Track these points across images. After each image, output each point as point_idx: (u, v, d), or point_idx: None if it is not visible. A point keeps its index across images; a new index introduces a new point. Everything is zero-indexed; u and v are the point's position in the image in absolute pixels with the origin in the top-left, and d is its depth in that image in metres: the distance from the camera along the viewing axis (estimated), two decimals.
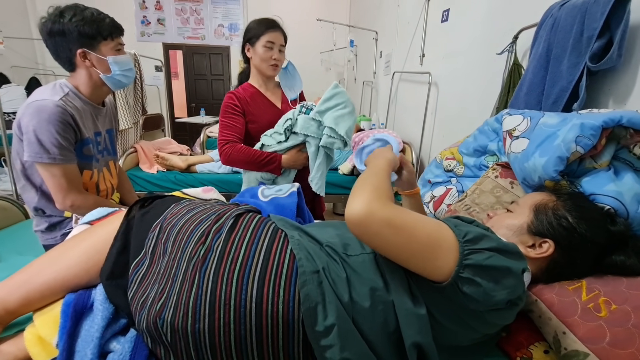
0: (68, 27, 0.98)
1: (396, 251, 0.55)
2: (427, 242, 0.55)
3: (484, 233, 0.58)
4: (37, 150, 0.96)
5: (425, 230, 0.56)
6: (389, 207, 0.55)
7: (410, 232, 0.54)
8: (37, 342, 0.61)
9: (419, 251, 0.55)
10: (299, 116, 1.26)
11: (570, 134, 0.77)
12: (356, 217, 0.54)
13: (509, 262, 0.56)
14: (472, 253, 0.54)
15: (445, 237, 0.56)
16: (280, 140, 1.28)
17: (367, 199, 0.55)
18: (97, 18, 1.02)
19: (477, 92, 1.85)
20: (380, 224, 0.53)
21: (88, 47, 1.03)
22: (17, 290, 0.65)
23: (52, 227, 1.12)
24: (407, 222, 0.55)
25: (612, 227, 0.67)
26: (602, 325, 0.58)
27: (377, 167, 0.70)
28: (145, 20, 4.99)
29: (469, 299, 0.54)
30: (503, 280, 0.55)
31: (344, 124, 1.20)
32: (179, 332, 0.55)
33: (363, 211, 0.54)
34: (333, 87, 1.26)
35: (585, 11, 0.99)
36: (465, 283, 0.53)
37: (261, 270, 0.57)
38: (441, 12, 2.24)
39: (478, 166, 1.19)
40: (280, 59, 1.34)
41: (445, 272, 0.54)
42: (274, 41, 1.31)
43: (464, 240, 0.56)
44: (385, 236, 0.54)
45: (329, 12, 4.83)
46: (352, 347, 0.54)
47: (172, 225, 0.65)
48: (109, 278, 0.64)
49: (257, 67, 1.36)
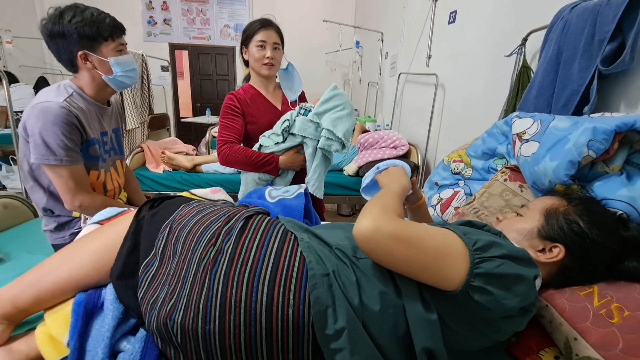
0: (68, 28, 0.97)
1: (406, 266, 0.55)
2: (436, 254, 0.55)
3: (494, 240, 0.58)
4: (44, 152, 0.97)
5: (434, 241, 0.56)
6: (395, 221, 0.56)
7: (418, 244, 0.55)
8: (49, 340, 0.61)
9: (428, 263, 0.55)
10: (297, 117, 1.26)
11: (582, 138, 0.76)
12: (364, 234, 0.55)
13: (520, 268, 0.55)
14: (483, 261, 0.54)
15: (453, 246, 0.56)
16: (278, 141, 1.28)
17: (374, 215, 0.56)
18: (97, 19, 1.00)
19: (484, 94, 1.84)
20: (388, 239, 0.54)
21: (89, 49, 1.02)
22: (28, 288, 0.65)
23: (61, 226, 1.13)
24: (415, 235, 0.55)
25: (625, 232, 0.66)
26: (615, 331, 0.57)
27: (387, 191, 0.70)
28: (152, 21, 5.03)
29: (481, 307, 0.54)
30: (514, 288, 0.54)
31: (342, 125, 1.20)
32: (189, 334, 0.55)
33: (370, 227, 0.54)
34: (332, 88, 1.25)
35: (597, 14, 0.99)
36: (477, 292, 0.53)
37: (271, 273, 0.57)
38: (448, 13, 2.24)
39: (486, 169, 1.18)
40: (275, 57, 1.32)
41: (455, 282, 0.54)
42: (266, 40, 1.29)
43: (473, 249, 0.55)
44: (394, 251, 0.54)
45: (335, 13, 4.83)
46: (362, 351, 0.54)
47: (182, 226, 0.65)
48: (119, 278, 0.64)
49: (253, 68, 1.35)
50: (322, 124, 1.21)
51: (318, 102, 1.24)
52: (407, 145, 2.55)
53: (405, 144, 2.52)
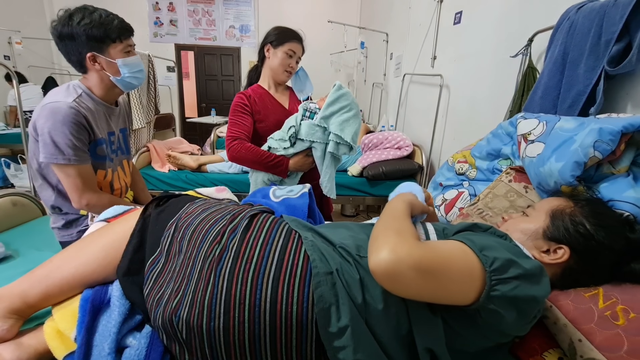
0: (76, 30, 0.98)
1: (430, 295, 0.53)
2: (460, 279, 0.52)
3: (512, 259, 0.55)
4: (53, 151, 0.98)
5: (457, 266, 0.53)
6: (415, 248, 0.51)
7: (444, 274, 0.51)
8: (56, 335, 0.62)
9: (452, 289, 0.53)
10: (303, 122, 1.26)
11: (588, 139, 0.76)
12: (385, 268, 0.49)
13: (535, 289, 0.54)
14: (499, 283, 0.52)
15: (472, 267, 0.53)
16: (286, 146, 1.29)
17: (391, 244, 0.51)
18: (105, 20, 1.01)
19: (489, 95, 1.83)
20: (410, 272, 0.49)
21: (97, 51, 1.03)
22: (37, 284, 0.66)
23: (69, 224, 1.14)
24: (439, 262, 0.52)
25: (632, 234, 0.65)
26: (620, 333, 0.57)
27: (394, 211, 0.64)
28: (158, 22, 5.07)
29: (488, 324, 0.54)
30: (527, 309, 0.54)
31: (350, 128, 1.21)
32: (194, 330, 0.55)
33: (390, 259, 0.49)
34: (336, 88, 1.25)
35: (603, 14, 0.98)
36: (489, 313, 0.53)
37: (275, 271, 0.58)
38: (453, 14, 2.23)
39: (491, 170, 1.18)
40: (296, 68, 1.40)
41: (468, 300, 0.53)
42: (296, 51, 1.35)
43: (490, 270, 0.53)
44: (420, 286, 0.51)
45: (340, 14, 4.84)
46: (365, 349, 0.54)
47: (188, 224, 0.66)
48: (126, 275, 0.65)
49: (272, 70, 1.37)
50: (330, 128, 1.21)
51: (324, 105, 1.24)
52: (412, 145, 2.54)
53: (409, 145, 2.52)
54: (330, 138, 1.21)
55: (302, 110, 1.29)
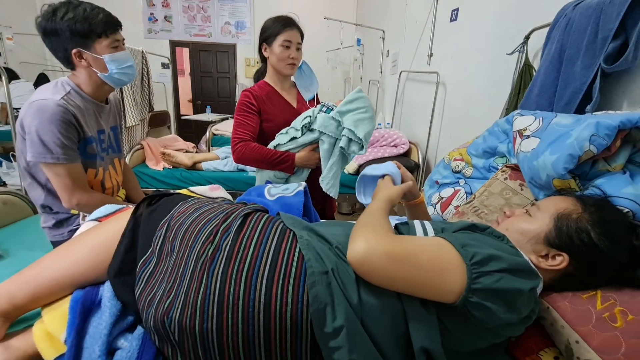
0: (60, 26, 0.95)
1: (405, 284, 0.55)
2: (431, 268, 0.54)
3: (494, 254, 0.55)
4: (41, 150, 0.96)
5: (428, 254, 0.56)
6: (386, 239, 0.56)
7: (412, 261, 0.54)
8: (46, 337, 0.61)
9: (425, 278, 0.54)
10: (319, 114, 1.24)
11: (585, 132, 0.76)
12: (358, 256, 0.55)
13: (520, 282, 0.54)
14: (481, 276, 0.53)
15: (449, 260, 0.55)
16: (295, 136, 1.26)
17: (364, 237, 0.56)
18: (89, 15, 0.97)
19: (486, 92, 1.83)
20: (382, 258, 0.54)
21: (82, 47, 0.99)
22: (26, 285, 0.65)
23: (59, 223, 1.12)
24: (408, 250, 0.55)
25: (636, 241, 0.63)
26: (618, 335, 0.57)
27: (372, 209, 0.69)
28: (153, 18, 5.01)
29: (480, 321, 0.54)
30: (514, 302, 0.54)
31: (363, 127, 1.18)
32: (186, 332, 0.54)
33: (363, 248, 0.55)
34: (357, 91, 1.24)
35: (600, 12, 0.98)
36: (475, 307, 0.53)
37: (270, 270, 0.57)
38: (450, 11, 2.22)
39: (487, 168, 1.18)
40: (298, 57, 1.34)
41: (453, 295, 0.54)
42: (291, 40, 1.30)
43: (471, 263, 0.54)
44: (390, 271, 0.54)
45: (336, 11, 4.81)
46: (360, 349, 0.54)
47: (180, 223, 0.64)
48: (117, 275, 0.64)
49: (275, 67, 1.35)
50: (344, 124, 1.19)
51: (342, 102, 1.23)
52: (408, 143, 2.54)
53: (405, 143, 2.52)
54: (343, 133, 1.19)
55: (321, 105, 1.28)
